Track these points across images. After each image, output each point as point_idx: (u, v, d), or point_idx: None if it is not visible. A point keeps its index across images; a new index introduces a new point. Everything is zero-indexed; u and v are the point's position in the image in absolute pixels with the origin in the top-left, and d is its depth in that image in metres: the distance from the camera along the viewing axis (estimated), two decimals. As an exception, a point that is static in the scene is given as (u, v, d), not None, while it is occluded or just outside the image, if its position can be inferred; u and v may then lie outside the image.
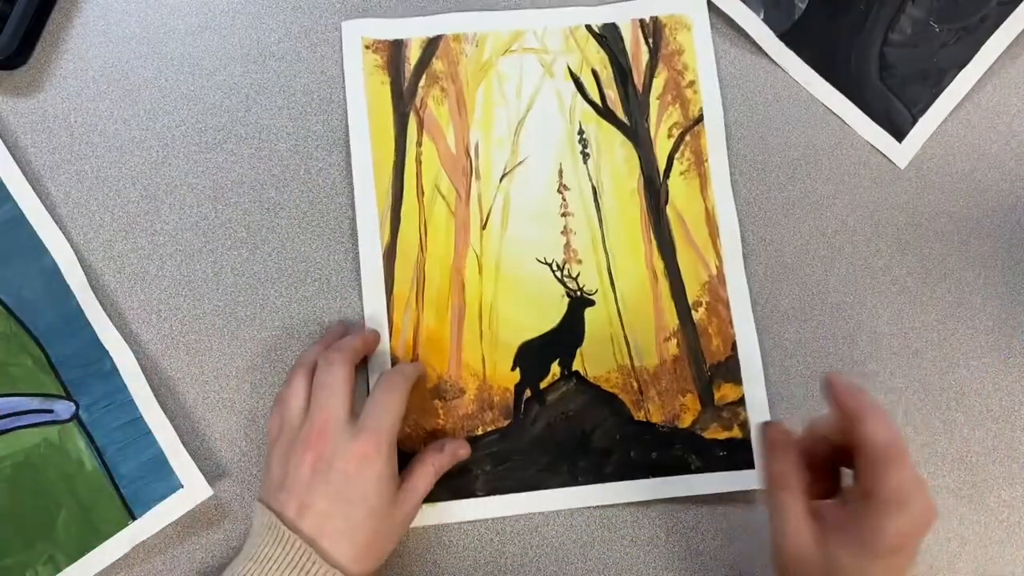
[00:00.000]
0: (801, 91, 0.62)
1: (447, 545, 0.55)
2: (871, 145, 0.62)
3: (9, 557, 0.51)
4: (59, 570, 0.51)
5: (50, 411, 0.53)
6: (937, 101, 0.62)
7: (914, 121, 0.62)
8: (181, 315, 0.56)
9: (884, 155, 0.62)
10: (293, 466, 0.47)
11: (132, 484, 0.52)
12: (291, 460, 0.47)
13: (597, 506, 0.56)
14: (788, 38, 0.62)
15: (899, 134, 0.62)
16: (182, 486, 0.52)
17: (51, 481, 0.52)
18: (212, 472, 0.54)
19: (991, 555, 0.58)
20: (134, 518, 0.52)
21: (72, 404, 0.53)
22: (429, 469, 0.51)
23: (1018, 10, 0.62)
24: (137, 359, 0.54)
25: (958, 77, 0.62)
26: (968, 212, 0.62)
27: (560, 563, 0.55)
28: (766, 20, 0.62)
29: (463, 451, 0.54)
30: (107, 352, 0.53)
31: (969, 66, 0.62)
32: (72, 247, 0.55)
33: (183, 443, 0.53)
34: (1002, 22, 0.62)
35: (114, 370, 0.53)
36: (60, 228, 0.55)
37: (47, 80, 0.57)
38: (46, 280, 0.54)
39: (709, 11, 0.62)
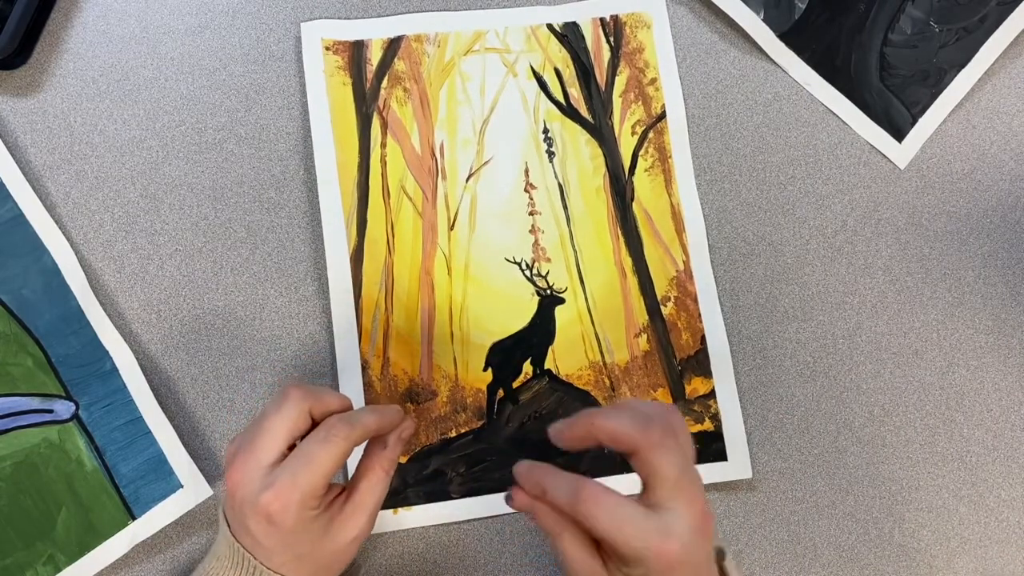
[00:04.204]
0: (801, 91, 0.62)
1: (447, 545, 0.55)
2: (871, 145, 0.62)
3: (9, 557, 0.51)
4: (59, 570, 0.51)
5: (50, 411, 0.53)
6: (937, 101, 0.62)
7: (914, 121, 0.62)
8: (181, 315, 0.56)
9: (884, 155, 0.62)
10: (226, 492, 0.44)
11: (132, 484, 0.52)
12: (225, 484, 0.43)
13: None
14: (788, 38, 0.62)
15: (899, 134, 0.62)
16: (182, 486, 0.52)
17: (51, 481, 0.52)
18: (212, 472, 0.54)
19: (991, 555, 0.58)
20: (134, 518, 0.52)
21: (72, 404, 0.53)
22: (379, 475, 0.45)
23: (1017, 10, 0.62)
24: (137, 359, 0.54)
25: (958, 77, 0.62)
26: (968, 212, 0.62)
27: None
28: (766, 20, 0.62)
29: (408, 431, 0.47)
30: (107, 352, 0.53)
31: (969, 66, 0.62)
32: (72, 247, 0.55)
33: (183, 443, 0.53)
34: (1002, 22, 0.62)
35: (114, 370, 0.53)
36: (60, 228, 0.55)
37: (47, 80, 0.57)
38: (46, 280, 0.54)
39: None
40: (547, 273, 0.58)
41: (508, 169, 0.59)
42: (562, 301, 0.58)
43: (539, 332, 0.57)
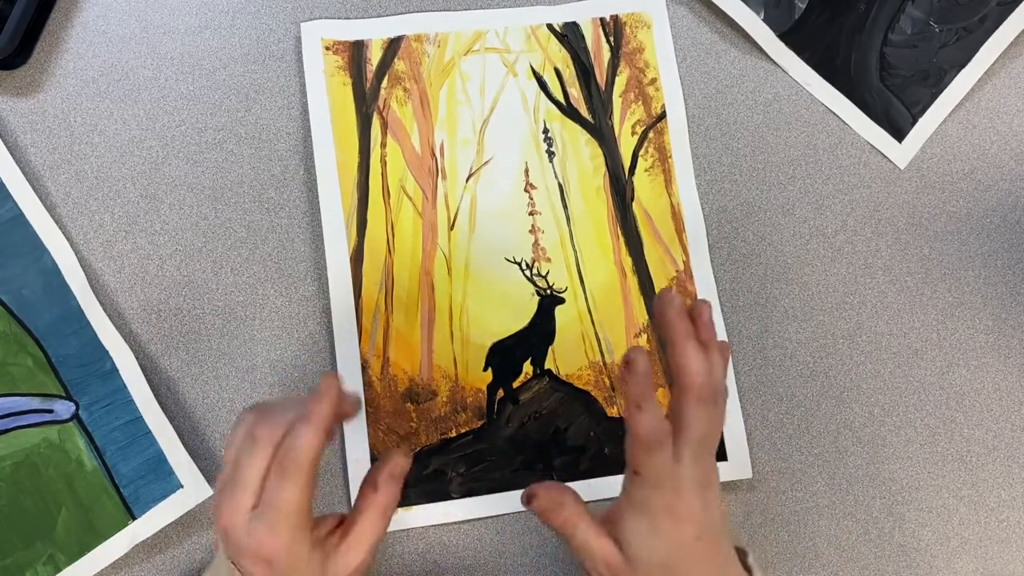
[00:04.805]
0: (801, 91, 0.62)
1: (447, 545, 0.55)
2: (871, 145, 0.62)
3: (9, 557, 0.51)
4: (59, 570, 0.51)
5: (50, 411, 0.53)
6: (937, 101, 0.62)
7: (914, 121, 0.62)
8: (181, 315, 0.56)
9: (884, 155, 0.62)
10: (216, 531, 0.42)
11: (132, 484, 0.52)
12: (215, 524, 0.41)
13: (591, 502, 0.56)
14: (788, 38, 0.62)
15: (899, 134, 0.62)
16: (182, 486, 0.52)
17: (51, 481, 0.52)
18: (212, 472, 0.54)
19: (991, 555, 0.58)
20: (134, 518, 0.52)
21: (72, 404, 0.53)
22: (376, 515, 0.42)
23: (1017, 10, 0.62)
24: (137, 359, 0.54)
25: (958, 77, 0.62)
26: (968, 212, 0.62)
27: (561, 562, 0.55)
28: (766, 20, 0.62)
29: (399, 468, 0.43)
30: (107, 352, 0.53)
31: (969, 66, 0.62)
32: (72, 247, 0.55)
33: (183, 443, 0.53)
34: (1002, 22, 0.62)
35: (114, 370, 0.53)
36: (60, 228, 0.55)
37: (47, 80, 0.57)
38: (46, 280, 0.54)
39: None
40: (547, 273, 0.58)
41: (508, 169, 0.59)
42: (562, 301, 0.58)
43: (539, 332, 0.57)
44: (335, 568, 0.42)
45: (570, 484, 0.55)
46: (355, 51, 0.59)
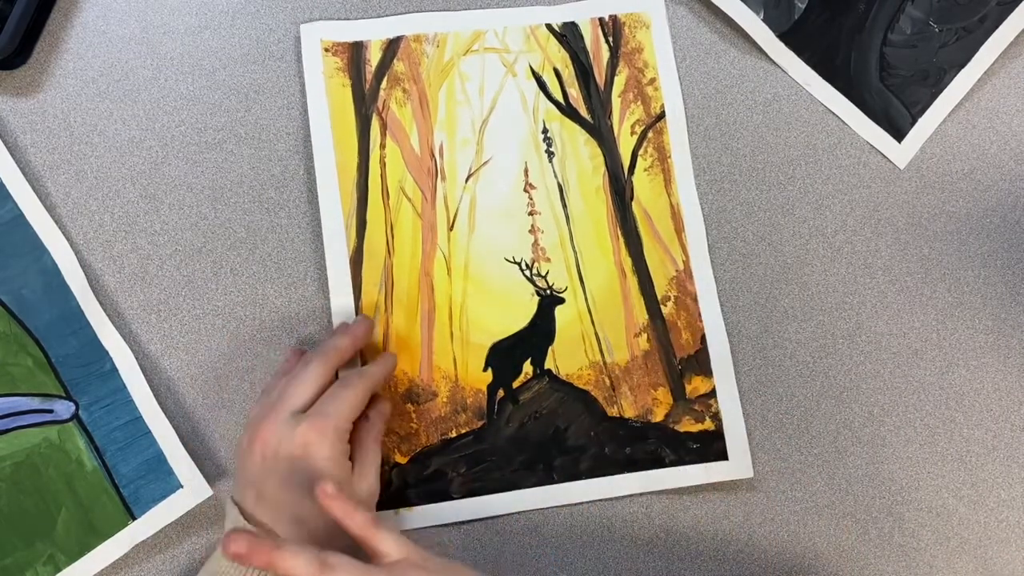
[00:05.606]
0: (801, 91, 0.62)
1: (445, 546, 0.55)
2: (871, 145, 0.62)
3: (9, 557, 0.51)
4: (59, 570, 0.51)
5: (50, 411, 0.53)
6: (937, 101, 0.62)
7: (914, 121, 0.62)
8: (181, 315, 0.56)
9: (884, 155, 0.62)
10: (248, 459, 0.47)
11: (132, 484, 0.52)
12: (247, 453, 0.48)
13: (591, 502, 0.56)
14: (788, 38, 0.62)
15: (899, 134, 0.62)
16: (182, 486, 0.52)
17: (51, 481, 0.52)
18: (212, 472, 0.54)
19: (991, 555, 0.58)
20: (134, 518, 0.52)
21: (72, 404, 0.53)
22: (372, 444, 0.50)
23: (1017, 10, 0.62)
24: (137, 359, 0.54)
25: (958, 77, 0.62)
26: (968, 212, 0.62)
27: (561, 563, 0.55)
28: (766, 20, 0.62)
29: (387, 409, 0.53)
30: (107, 352, 0.53)
31: (968, 66, 0.62)
32: (72, 247, 0.55)
33: (183, 443, 0.53)
34: (1002, 22, 0.62)
35: (114, 370, 0.53)
36: (60, 228, 0.55)
37: (47, 80, 0.57)
38: (46, 280, 0.54)
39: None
40: (547, 273, 0.58)
41: (507, 169, 0.59)
42: (562, 301, 0.58)
43: (539, 332, 0.57)
44: (351, 491, 0.48)
45: (570, 484, 0.55)
46: (354, 52, 0.59)
